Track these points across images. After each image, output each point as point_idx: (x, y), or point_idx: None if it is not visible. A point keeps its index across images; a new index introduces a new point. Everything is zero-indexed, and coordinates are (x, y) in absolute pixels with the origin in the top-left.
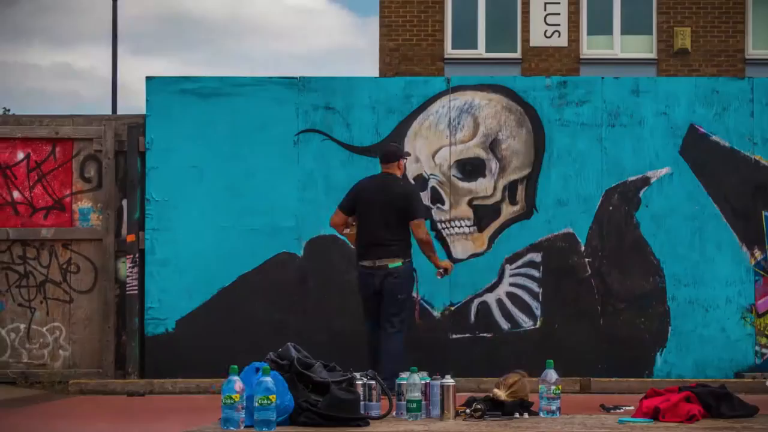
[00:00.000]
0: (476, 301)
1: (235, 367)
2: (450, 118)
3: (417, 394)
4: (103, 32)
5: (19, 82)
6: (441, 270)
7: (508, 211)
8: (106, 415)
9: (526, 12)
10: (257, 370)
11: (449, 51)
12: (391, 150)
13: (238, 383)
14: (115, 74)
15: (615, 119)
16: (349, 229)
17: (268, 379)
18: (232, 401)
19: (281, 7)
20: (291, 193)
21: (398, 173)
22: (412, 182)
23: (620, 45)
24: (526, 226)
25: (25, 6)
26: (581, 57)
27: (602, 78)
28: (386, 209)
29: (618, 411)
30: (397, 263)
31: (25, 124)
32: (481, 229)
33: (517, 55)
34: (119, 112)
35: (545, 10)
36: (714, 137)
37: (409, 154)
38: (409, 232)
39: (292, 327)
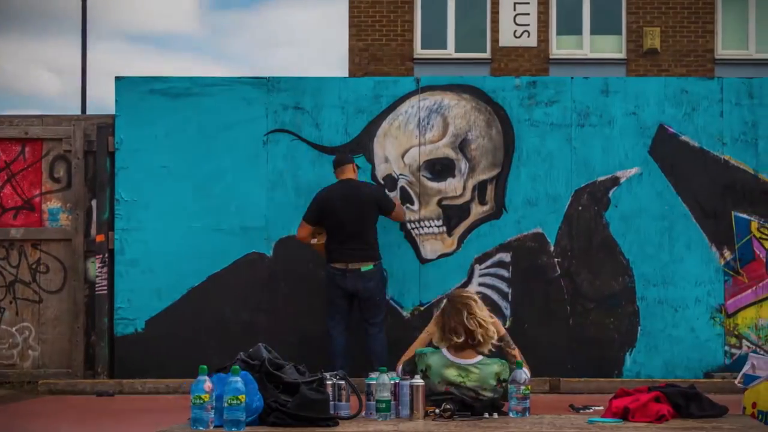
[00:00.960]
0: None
1: (205, 367)
2: (419, 118)
3: (386, 395)
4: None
5: None
6: None
7: (477, 211)
8: (76, 415)
9: (495, 12)
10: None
11: (419, 51)
12: (341, 156)
13: (207, 383)
14: (84, 73)
15: (584, 119)
16: (315, 239)
17: (238, 379)
18: (201, 401)
19: None
20: (260, 193)
21: (354, 177)
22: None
23: (589, 45)
24: (496, 226)
25: None
26: (551, 57)
27: (572, 78)
28: (358, 213)
29: (587, 411)
30: (370, 266)
31: None
32: (450, 229)
33: (487, 55)
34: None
35: (515, 10)
36: (683, 137)
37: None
38: (377, 233)
39: (261, 327)
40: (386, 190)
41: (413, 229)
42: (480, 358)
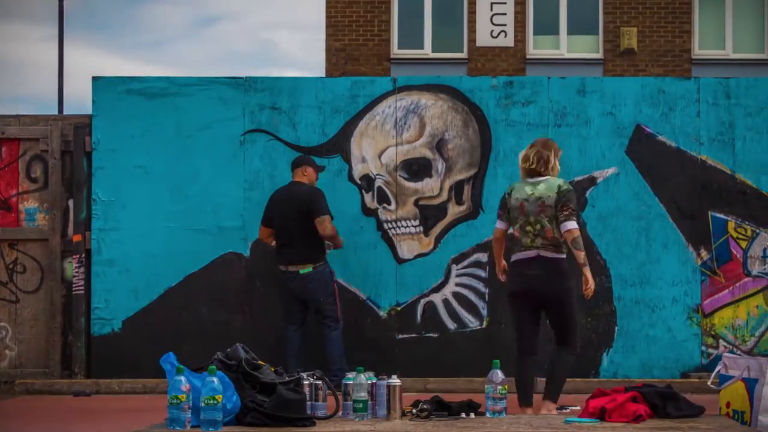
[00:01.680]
0: (422, 301)
1: (182, 366)
2: (396, 118)
3: (363, 394)
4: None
5: None
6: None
7: (454, 211)
8: (52, 415)
9: (472, 12)
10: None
11: (395, 51)
12: (296, 158)
13: (184, 383)
14: (61, 73)
15: (561, 119)
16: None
17: (215, 379)
18: (178, 401)
19: None
20: (237, 193)
21: (304, 180)
22: (319, 187)
23: (566, 45)
24: (473, 226)
25: None
26: (527, 57)
27: (548, 78)
28: (293, 215)
29: (564, 411)
30: (308, 268)
31: None
32: (427, 229)
33: (464, 55)
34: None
35: (491, 10)
36: (660, 137)
37: (319, 166)
38: (318, 236)
39: (238, 327)
40: (323, 198)
41: (390, 229)
42: (547, 177)
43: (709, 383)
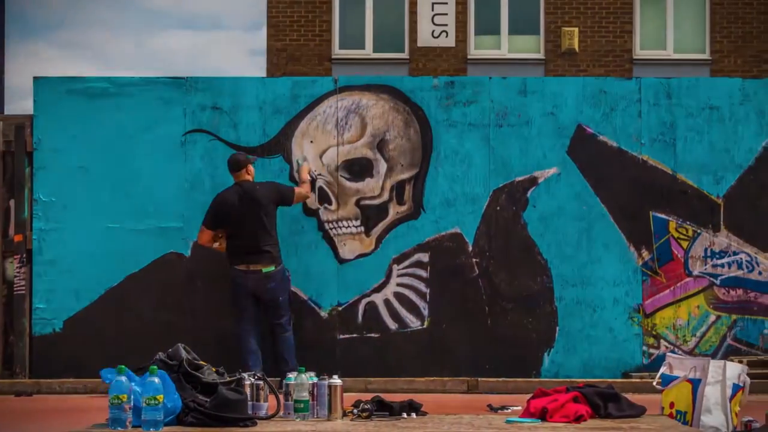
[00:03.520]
0: (364, 302)
1: (123, 367)
2: (338, 119)
3: (305, 395)
4: None
5: None
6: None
7: (395, 211)
8: None
9: (413, 12)
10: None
11: (337, 51)
12: (236, 158)
13: (125, 383)
14: (2, 73)
15: (503, 119)
16: (218, 243)
17: (156, 379)
18: (119, 401)
19: None
20: (178, 194)
21: (249, 178)
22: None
23: (508, 45)
24: (414, 226)
25: None
26: (469, 57)
27: (490, 78)
28: (255, 214)
29: (505, 411)
30: (271, 267)
31: None
32: (368, 229)
33: (405, 55)
34: None
35: (432, 10)
36: (601, 137)
37: (254, 159)
38: (277, 234)
39: (179, 327)
40: (277, 182)
41: (331, 229)
42: None
43: (654, 383)
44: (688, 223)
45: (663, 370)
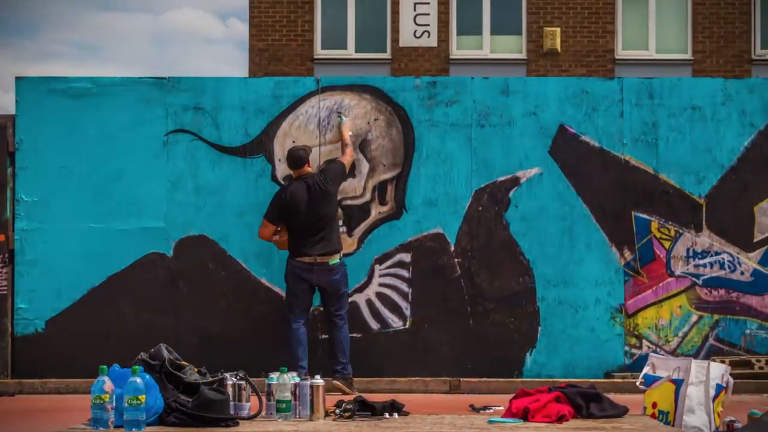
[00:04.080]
0: None
1: (104, 367)
2: (320, 119)
3: (287, 395)
4: None
5: None
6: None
7: (377, 211)
8: None
9: (395, 12)
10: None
11: (319, 51)
12: (297, 155)
13: (107, 383)
14: None
15: (485, 119)
16: (277, 236)
17: (138, 379)
18: (101, 401)
19: None
20: (160, 194)
21: (310, 170)
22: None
23: (490, 45)
24: (396, 226)
25: None
26: (451, 57)
27: (472, 78)
28: (324, 208)
29: (487, 411)
30: (336, 259)
31: None
32: (350, 230)
33: (387, 55)
34: None
35: (415, 10)
36: (584, 137)
37: (310, 150)
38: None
39: (161, 327)
40: (327, 162)
41: None
42: None
43: (637, 383)
44: (670, 223)
45: (646, 370)
